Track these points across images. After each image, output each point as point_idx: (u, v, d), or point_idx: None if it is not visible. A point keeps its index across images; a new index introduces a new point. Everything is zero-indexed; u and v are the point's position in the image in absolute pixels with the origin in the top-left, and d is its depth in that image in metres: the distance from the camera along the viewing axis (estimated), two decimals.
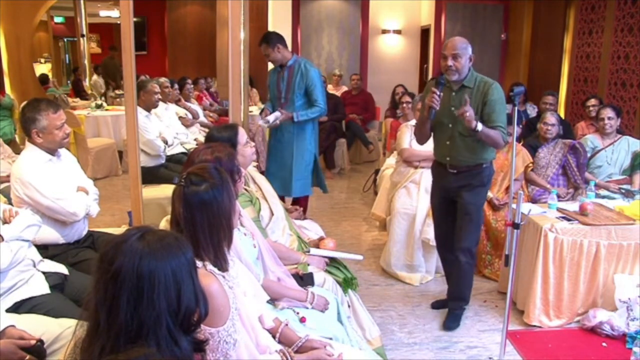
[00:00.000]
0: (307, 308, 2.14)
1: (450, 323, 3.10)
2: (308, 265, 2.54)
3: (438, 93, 2.77)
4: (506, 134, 2.84)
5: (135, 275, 1.04)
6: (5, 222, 2.14)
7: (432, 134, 3.05)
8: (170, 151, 4.57)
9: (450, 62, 2.78)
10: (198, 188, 1.52)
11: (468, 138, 2.86)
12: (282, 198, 4.20)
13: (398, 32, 9.24)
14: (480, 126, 2.74)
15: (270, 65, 4.17)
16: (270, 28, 8.11)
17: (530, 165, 3.95)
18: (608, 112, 4.07)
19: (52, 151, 2.56)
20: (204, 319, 1.19)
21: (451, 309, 3.16)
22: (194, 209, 1.51)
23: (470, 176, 2.95)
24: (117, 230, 1.15)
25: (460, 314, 3.15)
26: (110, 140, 6.64)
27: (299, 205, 4.12)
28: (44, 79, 9.12)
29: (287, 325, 1.86)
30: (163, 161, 4.32)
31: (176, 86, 5.90)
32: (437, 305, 3.35)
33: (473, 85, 2.84)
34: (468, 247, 3.01)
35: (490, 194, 3.77)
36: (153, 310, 1.05)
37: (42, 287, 2.16)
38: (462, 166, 2.95)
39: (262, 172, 3.47)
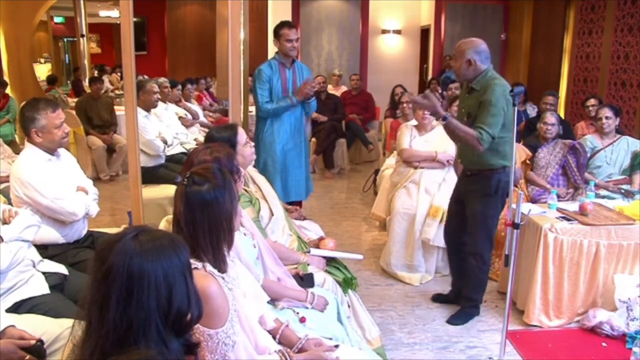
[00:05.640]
0: (307, 308, 2.14)
1: (453, 319, 3.12)
2: (308, 265, 2.54)
3: (440, 91, 2.81)
4: (488, 138, 2.72)
5: (125, 275, 1.04)
6: (4, 222, 2.14)
7: None
8: (170, 151, 4.57)
9: (452, 62, 2.86)
10: (200, 188, 1.52)
11: None
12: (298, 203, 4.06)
13: (398, 32, 9.25)
14: (446, 117, 2.72)
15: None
16: (271, 28, 8.10)
17: (528, 161, 3.95)
18: (606, 112, 4.08)
19: (51, 151, 2.56)
20: (196, 322, 1.18)
21: (461, 306, 3.19)
22: (195, 209, 1.51)
23: (479, 181, 2.96)
24: (117, 231, 1.15)
25: (470, 314, 3.15)
26: None
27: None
28: (52, 79, 9.13)
29: (287, 326, 1.85)
30: (163, 161, 4.32)
31: (179, 86, 5.93)
32: (437, 298, 3.39)
33: (479, 87, 2.86)
34: (478, 252, 3.03)
35: None
36: (142, 310, 1.04)
37: (41, 287, 2.16)
38: (473, 169, 2.99)
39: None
